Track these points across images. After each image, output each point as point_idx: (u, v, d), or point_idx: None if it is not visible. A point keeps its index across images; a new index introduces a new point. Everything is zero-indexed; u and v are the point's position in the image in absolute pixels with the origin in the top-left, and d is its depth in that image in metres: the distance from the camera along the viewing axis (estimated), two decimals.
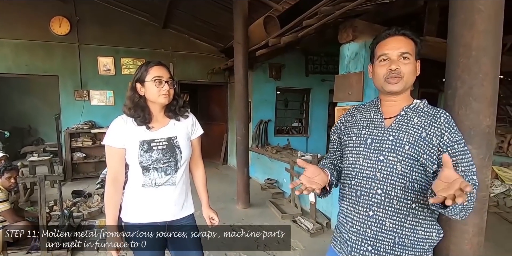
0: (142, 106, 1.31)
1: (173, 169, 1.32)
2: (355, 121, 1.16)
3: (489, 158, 1.20)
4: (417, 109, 1.06)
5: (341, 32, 2.95)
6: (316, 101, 6.42)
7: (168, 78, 1.30)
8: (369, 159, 1.04)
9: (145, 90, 1.29)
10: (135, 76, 1.32)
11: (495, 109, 1.20)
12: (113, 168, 1.32)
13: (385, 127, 1.05)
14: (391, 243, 1.01)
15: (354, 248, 1.05)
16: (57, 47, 5.30)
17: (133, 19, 5.71)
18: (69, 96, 5.45)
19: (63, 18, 5.23)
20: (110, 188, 1.32)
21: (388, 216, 1.00)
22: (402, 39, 1.03)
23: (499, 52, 1.19)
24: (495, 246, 2.85)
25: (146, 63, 1.32)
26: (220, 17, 4.80)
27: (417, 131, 1.00)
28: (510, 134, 5.18)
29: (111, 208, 1.32)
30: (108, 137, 1.30)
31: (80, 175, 5.39)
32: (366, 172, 1.04)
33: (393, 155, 1.00)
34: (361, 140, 1.08)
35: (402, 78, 1.01)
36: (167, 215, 1.36)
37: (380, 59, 1.05)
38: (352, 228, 1.07)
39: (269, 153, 4.90)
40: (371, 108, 1.15)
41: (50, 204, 3.67)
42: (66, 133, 5.20)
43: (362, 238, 1.04)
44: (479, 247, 1.24)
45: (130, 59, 5.76)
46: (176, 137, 1.35)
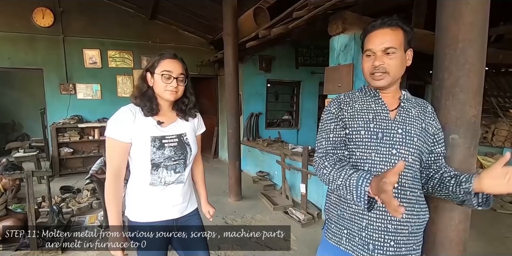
0: (150, 96, 1.23)
1: (182, 166, 1.27)
2: (356, 112, 1.08)
3: (475, 147, 1.23)
4: (409, 100, 1.10)
5: (331, 24, 2.94)
6: (306, 93, 6.43)
7: (179, 75, 1.22)
8: (381, 153, 1.01)
9: (154, 82, 1.22)
10: (147, 65, 1.25)
11: (480, 100, 1.22)
12: (116, 163, 1.19)
13: (391, 119, 1.04)
14: (407, 234, 1.02)
15: (377, 246, 1.01)
16: (41, 40, 5.12)
17: (119, 10, 5.56)
18: (54, 90, 5.31)
19: (46, 9, 5.05)
20: (112, 185, 1.19)
21: (404, 207, 1.00)
22: (387, 32, 1.01)
23: (485, 44, 1.21)
24: (479, 233, 2.96)
25: (161, 54, 1.24)
26: (209, 8, 4.72)
27: (419, 122, 1.04)
28: (494, 124, 5.34)
29: (114, 206, 1.20)
30: (112, 129, 1.17)
31: (68, 171, 5.31)
32: (379, 167, 1.01)
33: (405, 148, 1.00)
34: (371, 134, 1.03)
35: (387, 73, 1.02)
36: (174, 213, 1.31)
37: (365, 54, 1.05)
38: (370, 225, 1.02)
39: (260, 146, 4.91)
40: (368, 99, 1.11)
41: (38, 200, 3.61)
42: (53, 127, 5.08)
43: (384, 234, 1.01)
44: (465, 233, 1.29)
45: (116, 52, 5.63)
46: (186, 133, 1.30)
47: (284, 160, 3.91)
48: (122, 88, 5.71)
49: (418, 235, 1.06)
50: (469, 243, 1.36)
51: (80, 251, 2.57)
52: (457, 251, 1.28)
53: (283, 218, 3.36)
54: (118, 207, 1.22)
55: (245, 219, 3.31)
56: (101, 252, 2.53)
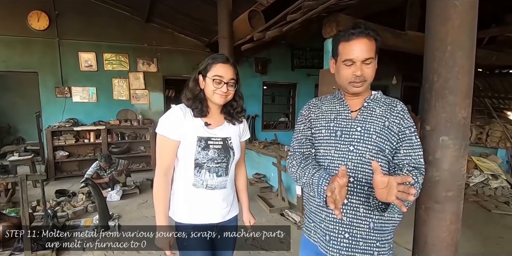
0: (201, 99, 1.25)
1: (224, 170, 1.28)
2: (321, 113, 1.18)
3: (465, 148, 1.25)
4: (376, 100, 1.13)
5: (325, 27, 2.96)
6: (302, 95, 6.46)
7: (229, 80, 1.22)
8: (340, 149, 1.08)
9: (205, 84, 1.23)
10: (200, 68, 1.25)
11: (470, 102, 1.24)
12: (166, 160, 1.23)
13: (352, 119, 1.11)
14: (366, 229, 1.05)
15: (333, 236, 1.08)
16: (36, 43, 5.10)
17: (115, 13, 5.55)
18: (49, 93, 5.28)
19: (41, 12, 5.03)
20: (160, 183, 1.22)
21: (361, 202, 1.05)
22: (365, 42, 1.03)
23: (473, 46, 1.23)
24: (474, 233, 2.98)
25: (214, 57, 1.24)
26: (205, 11, 4.73)
27: (381, 121, 1.07)
28: (489, 125, 5.37)
29: (162, 204, 1.22)
30: (164, 126, 1.21)
31: (64, 174, 5.26)
32: (337, 162, 1.08)
33: (363, 145, 1.05)
34: (331, 132, 1.12)
35: (365, 81, 1.07)
36: (217, 217, 1.32)
37: (345, 63, 1.07)
38: (328, 217, 1.10)
39: (256, 148, 4.92)
40: (335, 101, 1.19)
41: (33, 204, 3.58)
42: (48, 131, 5.04)
43: (339, 226, 1.07)
44: (456, 234, 1.30)
45: (112, 55, 5.62)
46: (230, 138, 1.31)
47: (280, 162, 3.91)
48: (118, 91, 5.69)
49: (384, 233, 1.08)
50: (464, 243, 1.37)
51: (75, 255, 2.55)
52: (449, 252, 1.29)
53: (279, 220, 3.36)
54: (166, 205, 1.23)
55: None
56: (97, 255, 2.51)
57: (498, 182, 4.37)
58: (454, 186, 1.26)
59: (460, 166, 1.25)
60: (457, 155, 1.24)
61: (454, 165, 1.24)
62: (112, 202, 3.87)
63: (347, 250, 1.06)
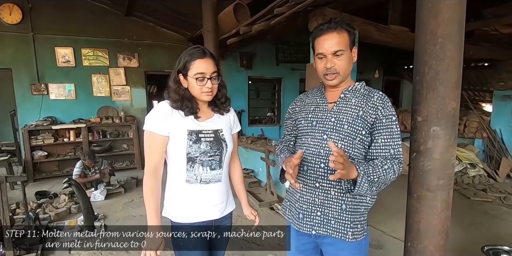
0: (189, 97, 1.21)
1: (217, 163, 1.25)
2: (304, 106, 1.28)
3: (454, 138, 1.29)
4: (355, 91, 1.17)
5: (311, 21, 2.97)
6: (288, 90, 6.48)
7: (212, 74, 1.17)
8: (315, 138, 1.17)
9: (188, 84, 1.19)
10: (177, 67, 1.19)
11: (459, 93, 1.28)
12: (154, 157, 1.18)
13: (328, 110, 1.18)
14: (338, 209, 1.13)
15: (306, 215, 1.19)
16: (8, 38, 4.83)
17: (93, 7, 5.33)
18: (25, 90, 5.03)
19: (13, 5, 4.76)
20: (150, 181, 1.17)
21: (332, 186, 1.14)
22: (334, 36, 1.08)
23: (462, 39, 1.26)
24: (457, 220, 3.11)
25: (190, 53, 1.17)
26: (188, 5, 4.62)
27: (355, 111, 1.11)
28: (466, 116, 5.61)
29: (152, 203, 1.17)
30: (150, 122, 1.17)
31: (43, 175, 5.06)
32: (312, 149, 1.17)
33: (335, 134, 1.13)
34: (308, 122, 1.21)
35: (338, 74, 1.12)
36: (215, 213, 1.28)
37: (317, 57, 1.14)
38: (301, 198, 1.21)
39: (244, 143, 4.90)
40: (317, 94, 1.27)
41: (12, 207, 3.42)
42: (24, 130, 4.82)
43: (311, 206, 1.18)
44: (447, 221, 1.35)
45: (91, 50, 5.40)
46: (222, 129, 1.28)
47: (268, 156, 3.92)
48: (97, 87, 5.49)
49: (356, 214, 1.14)
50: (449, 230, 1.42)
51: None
52: (441, 238, 1.34)
53: (269, 214, 3.38)
54: (157, 204, 1.18)
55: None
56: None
57: (475, 170, 4.58)
58: (445, 175, 1.30)
59: (450, 155, 1.30)
60: (448, 144, 1.28)
61: (444, 154, 1.28)
62: (96, 202, 3.76)
63: (319, 227, 1.15)
